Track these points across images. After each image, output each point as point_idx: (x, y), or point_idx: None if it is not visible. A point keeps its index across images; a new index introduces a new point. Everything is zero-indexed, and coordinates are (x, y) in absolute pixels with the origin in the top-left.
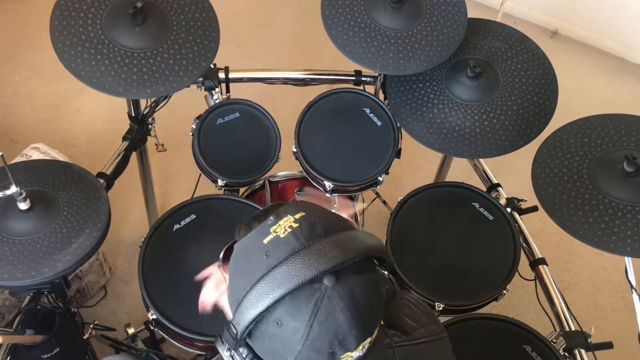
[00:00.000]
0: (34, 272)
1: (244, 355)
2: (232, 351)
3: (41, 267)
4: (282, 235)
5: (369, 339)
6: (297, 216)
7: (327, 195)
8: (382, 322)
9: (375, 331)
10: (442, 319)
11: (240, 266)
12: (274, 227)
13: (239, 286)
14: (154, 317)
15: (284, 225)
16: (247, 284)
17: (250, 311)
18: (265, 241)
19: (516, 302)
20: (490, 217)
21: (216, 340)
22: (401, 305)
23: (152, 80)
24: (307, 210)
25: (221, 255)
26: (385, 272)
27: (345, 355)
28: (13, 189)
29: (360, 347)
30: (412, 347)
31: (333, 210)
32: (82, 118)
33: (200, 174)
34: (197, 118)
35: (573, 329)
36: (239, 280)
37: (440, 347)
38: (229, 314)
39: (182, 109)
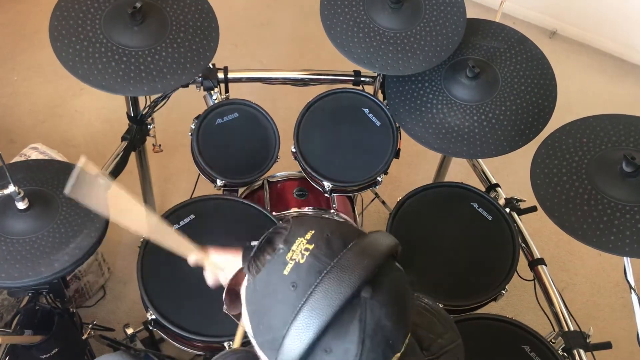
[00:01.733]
0: (31, 272)
1: None
2: None
3: (38, 267)
4: (301, 262)
5: (409, 334)
6: (308, 236)
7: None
8: None
9: (413, 319)
10: None
11: (265, 305)
12: (289, 255)
13: (272, 325)
14: (153, 317)
15: (299, 250)
16: (282, 321)
17: (297, 348)
18: (285, 272)
19: (515, 302)
20: (489, 218)
21: None
22: (415, 314)
23: (150, 78)
24: (316, 226)
25: (224, 296)
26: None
27: (395, 356)
28: (11, 189)
29: (405, 344)
30: None
31: (335, 218)
32: (81, 118)
33: (199, 174)
34: (196, 118)
35: (572, 329)
36: (270, 319)
37: (456, 354)
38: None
39: (181, 109)
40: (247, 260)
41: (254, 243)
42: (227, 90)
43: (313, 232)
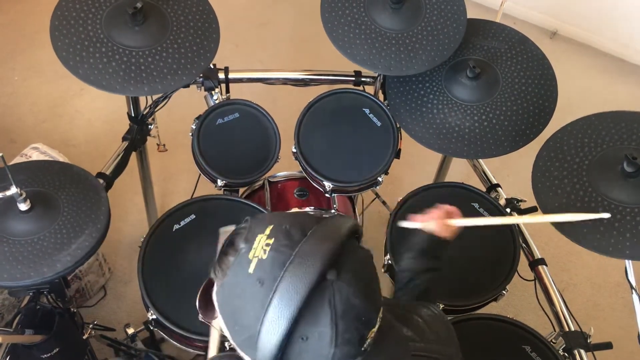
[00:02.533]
0: (33, 273)
1: None
2: None
3: (40, 267)
4: (264, 257)
5: (381, 308)
6: (267, 231)
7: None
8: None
9: (382, 297)
10: None
11: (237, 305)
12: (252, 253)
13: (247, 324)
14: (154, 317)
15: (260, 246)
16: (255, 318)
17: (272, 341)
18: (250, 270)
19: (516, 302)
20: None
21: None
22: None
23: (150, 79)
24: (274, 220)
25: (197, 304)
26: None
27: (371, 331)
28: (13, 190)
29: (379, 318)
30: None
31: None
32: (82, 118)
33: (200, 174)
34: (197, 118)
35: (572, 329)
36: (242, 319)
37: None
38: None
39: (182, 109)
40: (212, 265)
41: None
42: (227, 91)
43: (272, 226)
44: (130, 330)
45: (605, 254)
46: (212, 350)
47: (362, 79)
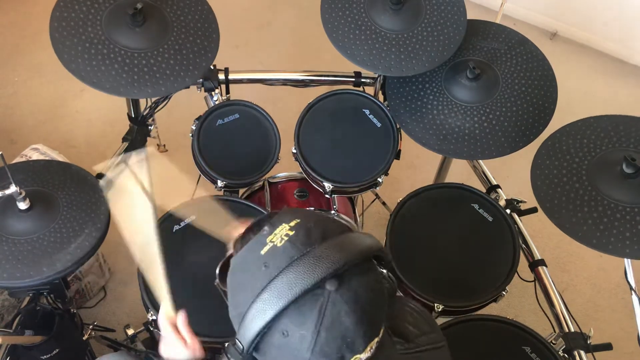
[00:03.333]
0: (32, 272)
1: None
2: None
3: (40, 267)
4: (278, 245)
5: (376, 339)
6: (293, 224)
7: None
8: (386, 328)
9: (382, 330)
10: (442, 320)
11: (239, 280)
12: (270, 237)
13: (241, 300)
14: (154, 318)
15: (280, 234)
16: (248, 297)
17: (255, 324)
18: (262, 252)
19: (515, 303)
20: (490, 219)
21: (222, 356)
22: (403, 313)
23: (154, 80)
24: (302, 216)
25: (217, 271)
26: (384, 271)
27: (354, 358)
28: (13, 189)
29: (369, 348)
30: (416, 354)
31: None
32: (82, 119)
33: (200, 175)
34: (197, 119)
35: (572, 330)
36: (239, 295)
37: (441, 355)
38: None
39: (182, 110)
40: (237, 238)
41: None
42: (227, 92)
43: (298, 221)
44: (130, 331)
45: (605, 251)
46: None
47: (362, 80)
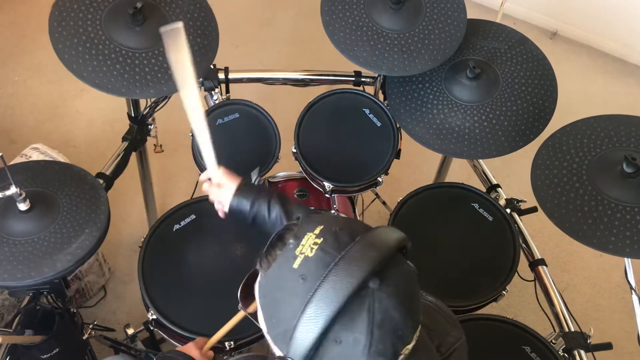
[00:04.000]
0: (33, 272)
1: None
2: None
3: (41, 267)
4: (310, 255)
5: (419, 327)
6: (317, 231)
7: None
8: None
9: (421, 317)
10: None
11: (277, 298)
12: (299, 249)
13: (283, 318)
14: (154, 317)
15: (308, 244)
16: (292, 313)
17: (307, 339)
18: (295, 266)
19: (516, 302)
20: (490, 218)
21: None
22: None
23: (155, 80)
24: (324, 221)
25: (239, 294)
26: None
27: (405, 348)
28: (13, 190)
29: (415, 337)
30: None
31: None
32: (82, 118)
33: (200, 175)
34: None
35: (572, 329)
36: (280, 313)
37: (462, 352)
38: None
39: (182, 109)
40: (259, 257)
41: (254, 175)
42: (227, 91)
43: (322, 227)
44: (130, 331)
45: (605, 251)
46: (218, 335)
47: (362, 79)
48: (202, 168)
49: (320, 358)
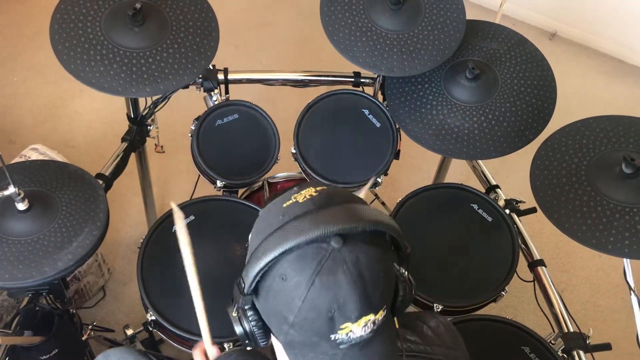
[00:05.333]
0: (34, 272)
1: (250, 318)
2: (239, 310)
3: (42, 267)
4: (300, 201)
5: (371, 316)
6: (319, 188)
7: None
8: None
9: (382, 312)
10: None
11: (259, 226)
12: (295, 195)
13: (254, 243)
14: (153, 318)
15: (305, 194)
16: (259, 239)
17: (259, 262)
18: (284, 205)
19: (515, 303)
20: (489, 219)
21: (229, 304)
22: (428, 317)
23: (152, 79)
24: (331, 188)
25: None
26: (405, 272)
27: (345, 325)
28: (11, 190)
29: (362, 322)
30: (423, 358)
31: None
32: (81, 119)
33: (199, 175)
34: (196, 119)
35: (571, 330)
36: (255, 239)
37: None
38: None
39: (181, 110)
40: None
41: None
42: (227, 92)
43: (325, 188)
44: (130, 331)
45: (605, 251)
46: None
47: (362, 80)
48: (201, 169)
49: (264, 289)
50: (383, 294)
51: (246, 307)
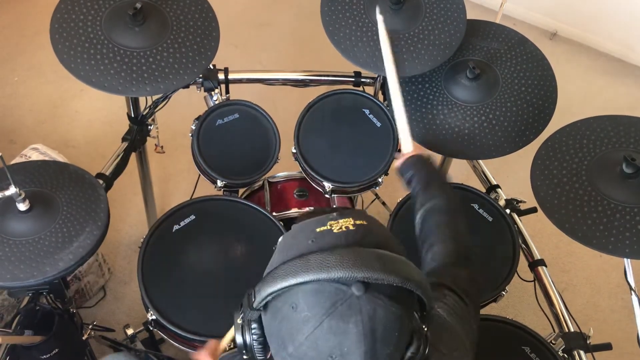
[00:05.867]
0: (36, 272)
1: (252, 331)
2: (245, 321)
3: (43, 266)
4: (335, 231)
5: None
6: (359, 222)
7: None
8: None
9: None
10: None
11: (286, 242)
12: (332, 222)
13: (276, 259)
14: (153, 317)
15: (342, 224)
16: (282, 259)
17: (274, 284)
18: (318, 230)
19: (515, 303)
20: (490, 219)
21: (237, 309)
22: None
23: (152, 79)
24: (372, 223)
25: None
26: (425, 328)
27: None
28: (12, 190)
29: None
30: None
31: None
32: (81, 119)
33: (200, 175)
34: (197, 119)
35: (572, 330)
36: (279, 255)
37: None
38: None
39: (182, 109)
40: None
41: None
42: (227, 91)
43: (365, 223)
44: (130, 331)
45: (605, 251)
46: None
47: (362, 80)
48: (201, 168)
49: (273, 309)
50: (392, 354)
51: (252, 319)
